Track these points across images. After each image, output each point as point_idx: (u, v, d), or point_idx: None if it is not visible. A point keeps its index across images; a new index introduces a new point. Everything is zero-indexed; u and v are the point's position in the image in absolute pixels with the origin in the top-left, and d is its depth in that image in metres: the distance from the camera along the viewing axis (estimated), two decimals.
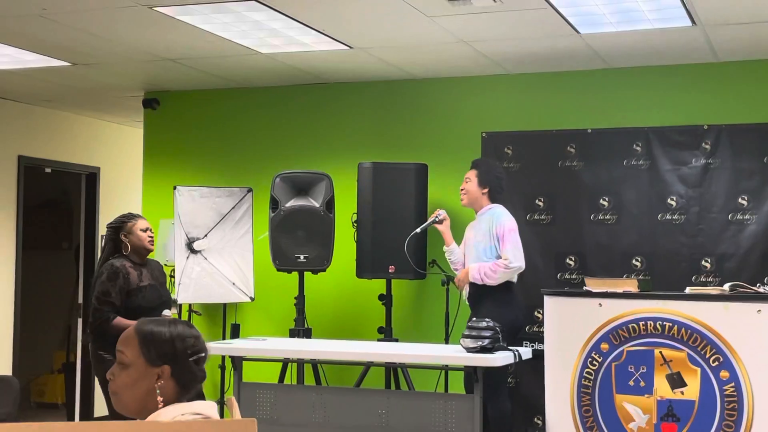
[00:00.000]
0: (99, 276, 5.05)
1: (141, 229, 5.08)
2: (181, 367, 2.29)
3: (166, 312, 4.95)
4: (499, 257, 5.39)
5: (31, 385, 8.77)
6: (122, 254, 5.08)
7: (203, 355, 2.33)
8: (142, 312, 4.86)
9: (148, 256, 5.19)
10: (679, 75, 6.15)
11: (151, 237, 5.13)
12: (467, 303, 5.63)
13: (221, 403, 6.32)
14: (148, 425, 1.99)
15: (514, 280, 5.49)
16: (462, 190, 5.60)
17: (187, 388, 2.30)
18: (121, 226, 5.11)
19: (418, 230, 5.76)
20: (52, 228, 9.11)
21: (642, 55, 5.90)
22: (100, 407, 8.01)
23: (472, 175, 5.58)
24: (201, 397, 2.39)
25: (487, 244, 5.42)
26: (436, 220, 5.71)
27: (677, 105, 6.15)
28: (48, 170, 8.13)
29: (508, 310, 5.35)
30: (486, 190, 5.54)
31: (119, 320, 4.91)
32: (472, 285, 5.51)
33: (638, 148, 6.07)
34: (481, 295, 5.47)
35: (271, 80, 6.82)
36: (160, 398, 2.24)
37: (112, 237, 5.12)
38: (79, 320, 8.20)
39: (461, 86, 6.60)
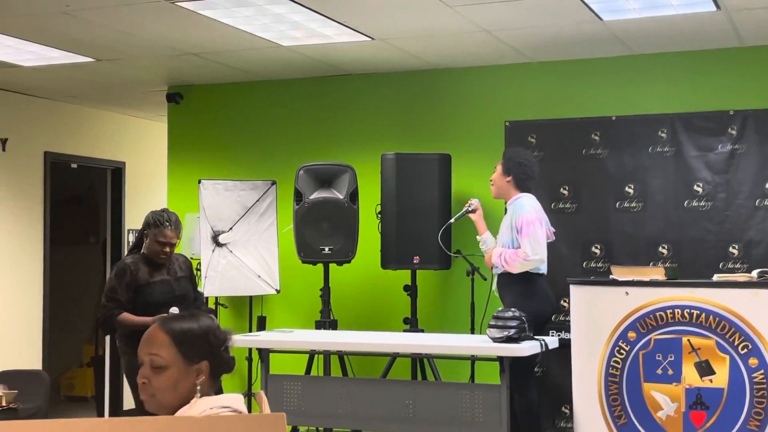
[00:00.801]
0: (111, 272, 5.14)
1: (159, 241, 5.05)
2: (218, 360, 2.32)
3: (173, 309, 4.93)
4: None
5: (60, 378, 8.86)
6: (140, 251, 5.15)
7: (230, 343, 2.37)
8: (149, 308, 4.91)
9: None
10: (703, 60, 6.08)
11: (166, 253, 5.06)
12: (497, 294, 5.62)
13: (249, 396, 6.35)
14: (179, 420, 2.00)
15: (543, 271, 5.46)
16: (491, 181, 5.60)
17: (218, 377, 2.33)
18: (147, 225, 5.12)
19: (452, 220, 5.76)
20: (79, 223, 9.18)
21: (666, 40, 5.85)
22: (130, 400, 8.07)
23: (497, 165, 5.57)
24: (220, 389, 2.42)
25: (509, 236, 5.40)
26: (469, 209, 5.71)
27: (702, 91, 6.08)
28: (74, 166, 8.19)
29: (533, 301, 5.32)
30: (509, 178, 5.51)
31: (125, 316, 4.97)
32: (499, 276, 5.50)
33: (663, 135, 6.02)
34: (506, 286, 5.45)
35: (293, 73, 6.82)
36: (198, 394, 2.26)
37: (141, 231, 5.18)
38: None
39: (484, 75, 6.57)
